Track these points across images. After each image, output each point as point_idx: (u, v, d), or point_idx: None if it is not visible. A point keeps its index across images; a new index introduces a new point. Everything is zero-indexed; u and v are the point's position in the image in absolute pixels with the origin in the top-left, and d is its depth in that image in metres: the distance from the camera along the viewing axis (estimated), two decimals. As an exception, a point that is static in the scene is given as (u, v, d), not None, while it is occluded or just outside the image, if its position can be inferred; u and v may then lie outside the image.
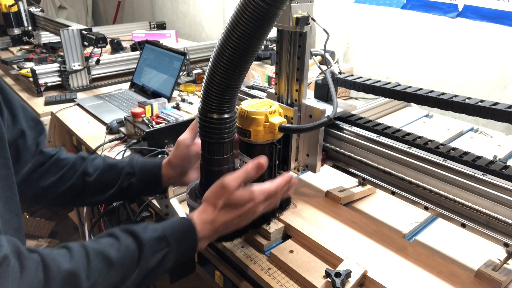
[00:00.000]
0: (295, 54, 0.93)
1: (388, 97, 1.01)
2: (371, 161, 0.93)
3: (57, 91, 2.05)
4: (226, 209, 0.74)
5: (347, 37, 2.24)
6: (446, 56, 1.86)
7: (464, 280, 0.79)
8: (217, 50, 0.68)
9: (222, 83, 0.69)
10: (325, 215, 0.99)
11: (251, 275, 0.88)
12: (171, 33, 3.02)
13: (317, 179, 1.16)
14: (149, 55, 2.05)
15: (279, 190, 0.78)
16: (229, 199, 0.73)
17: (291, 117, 0.97)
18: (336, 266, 0.82)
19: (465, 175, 0.78)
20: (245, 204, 0.74)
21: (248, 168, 0.75)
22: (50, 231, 2.80)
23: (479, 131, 1.53)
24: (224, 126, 0.75)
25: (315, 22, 0.91)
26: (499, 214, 0.73)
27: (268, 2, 0.61)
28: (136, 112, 1.39)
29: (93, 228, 1.34)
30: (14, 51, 2.69)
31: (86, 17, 4.66)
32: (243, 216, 0.75)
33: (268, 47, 2.17)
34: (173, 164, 0.91)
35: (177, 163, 0.91)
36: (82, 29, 2.03)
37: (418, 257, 0.85)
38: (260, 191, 0.76)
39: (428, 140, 0.90)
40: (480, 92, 1.77)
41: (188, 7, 3.41)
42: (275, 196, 0.79)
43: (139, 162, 0.92)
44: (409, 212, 1.01)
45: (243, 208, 0.74)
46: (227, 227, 0.75)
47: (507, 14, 1.61)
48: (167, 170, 0.92)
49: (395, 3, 1.98)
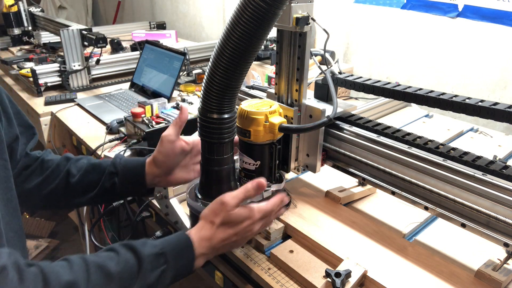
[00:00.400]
0: (295, 54, 0.93)
1: (388, 97, 1.01)
2: (371, 161, 0.93)
3: (57, 91, 2.05)
4: (224, 226, 0.74)
5: (347, 37, 2.24)
6: (446, 56, 1.86)
7: (464, 280, 0.79)
8: (217, 50, 0.68)
9: (222, 83, 0.69)
10: (325, 215, 0.99)
11: (251, 275, 0.88)
12: (171, 33, 3.02)
13: (317, 179, 1.16)
14: (149, 55, 2.05)
15: (274, 209, 0.79)
16: (227, 216, 0.73)
17: (291, 117, 0.97)
18: (336, 266, 0.82)
19: (465, 175, 0.78)
20: (243, 222, 0.74)
21: (248, 187, 0.75)
22: (50, 231, 2.80)
23: (479, 131, 1.53)
24: (224, 126, 0.75)
25: (315, 22, 0.91)
26: (499, 214, 0.73)
27: (268, 2, 0.61)
28: (136, 112, 1.39)
29: (93, 228, 1.34)
30: (14, 51, 2.69)
31: (86, 17, 4.66)
32: (241, 234, 0.75)
33: (268, 47, 2.17)
34: (157, 161, 0.89)
35: (161, 160, 0.88)
36: (82, 29, 2.03)
37: (418, 257, 0.85)
38: (257, 210, 0.75)
39: (428, 140, 0.90)
40: (480, 92, 1.77)
41: (188, 7, 3.41)
42: (270, 215, 0.79)
43: (122, 161, 0.91)
44: (409, 212, 1.01)
45: (241, 226, 0.74)
46: (225, 244, 0.75)
47: (507, 14, 1.61)
48: (151, 168, 0.89)
49: (395, 3, 1.98)
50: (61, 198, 0.90)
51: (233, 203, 0.74)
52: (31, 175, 0.88)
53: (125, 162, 0.91)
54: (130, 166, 0.90)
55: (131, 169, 0.90)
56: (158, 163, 0.89)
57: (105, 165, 0.90)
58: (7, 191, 0.70)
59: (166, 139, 0.87)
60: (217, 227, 0.74)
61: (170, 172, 0.90)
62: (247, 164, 0.86)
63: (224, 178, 0.82)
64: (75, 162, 0.91)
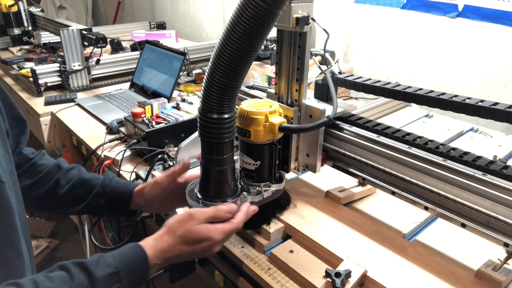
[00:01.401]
0: (295, 54, 0.93)
1: (388, 97, 1.01)
2: (371, 161, 0.93)
3: (57, 91, 2.05)
4: (183, 242, 0.74)
5: (347, 37, 2.24)
6: (446, 56, 1.86)
7: (464, 280, 0.79)
8: (217, 50, 0.68)
9: (222, 83, 0.69)
10: (325, 215, 0.99)
11: (251, 275, 0.88)
12: (171, 33, 3.02)
13: (317, 179, 1.16)
14: (149, 55, 2.05)
15: (240, 226, 0.78)
16: (189, 229, 0.73)
17: (291, 117, 0.97)
18: (336, 266, 0.82)
19: (465, 175, 0.78)
20: (202, 242, 0.74)
21: (219, 208, 0.76)
22: (50, 231, 2.80)
23: (479, 131, 1.53)
24: (224, 126, 0.75)
25: (315, 22, 0.91)
26: (499, 214, 0.73)
27: (268, 2, 0.61)
28: (136, 112, 1.39)
29: (93, 228, 1.34)
30: (14, 51, 2.69)
31: (86, 17, 4.66)
32: (197, 253, 0.75)
33: (268, 47, 2.17)
34: (144, 196, 0.92)
35: (148, 198, 0.92)
36: (82, 29, 2.03)
37: (418, 257, 0.85)
38: (220, 231, 0.75)
39: (428, 140, 0.90)
40: (480, 92, 1.77)
41: (188, 7, 3.41)
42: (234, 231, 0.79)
43: (112, 185, 0.93)
44: (409, 212, 1.01)
45: (199, 246, 0.74)
46: (179, 259, 0.75)
47: (507, 14, 1.61)
48: (137, 198, 0.93)
49: (395, 3, 1.98)
50: (48, 205, 0.92)
51: (199, 217, 0.74)
52: (22, 175, 0.88)
53: (114, 187, 0.93)
54: (118, 191, 0.93)
55: (119, 194, 0.93)
56: (144, 198, 0.92)
57: (94, 183, 0.92)
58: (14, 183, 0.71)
59: (158, 185, 0.90)
60: (176, 240, 0.73)
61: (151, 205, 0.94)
62: (247, 164, 0.86)
63: (224, 178, 0.82)
64: (65, 172, 0.93)
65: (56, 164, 0.94)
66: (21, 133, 0.87)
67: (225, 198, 0.83)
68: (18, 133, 0.87)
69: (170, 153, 1.29)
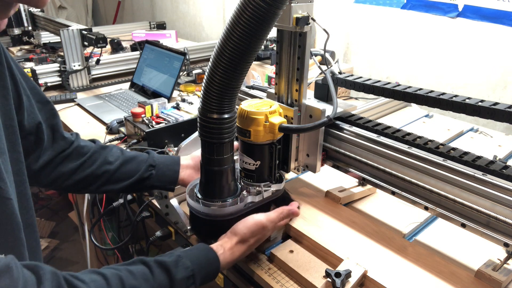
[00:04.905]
0: (295, 54, 0.93)
1: (388, 97, 1.01)
2: (371, 161, 0.93)
3: (57, 91, 2.05)
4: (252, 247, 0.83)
5: (347, 37, 2.24)
6: (446, 56, 1.86)
7: (464, 280, 0.79)
8: (217, 50, 0.68)
9: (222, 83, 0.69)
10: (325, 215, 0.99)
11: (251, 275, 0.88)
12: (171, 33, 3.02)
13: (317, 179, 1.16)
14: (149, 55, 2.05)
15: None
16: (261, 239, 0.83)
17: (291, 117, 0.97)
18: (336, 266, 0.82)
19: (465, 175, 0.78)
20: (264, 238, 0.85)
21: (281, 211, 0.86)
22: (50, 231, 2.80)
23: (479, 131, 1.53)
24: (224, 126, 0.75)
25: (315, 22, 0.91)
26: (499, 214, 0.73)
27: (268, 2, 0.61)
28: (136, 112, 1.39)
29: (93, 228, 1.34)
30: (14, 51, 2.69)
31: (86, 17, 4.66)
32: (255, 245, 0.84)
33: (268, 47, 2.17)
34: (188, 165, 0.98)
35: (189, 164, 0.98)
36: (82, 29, 2.03)
37: (418, 257, 0.85)
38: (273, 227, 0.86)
39: (428, 140, 0.90)
40: (480, 92, 1.77)
41: (188, 7, 3.41)
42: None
43: (159, 157, 0.97)
44: (409, 212, 1.01)
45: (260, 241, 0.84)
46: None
47: (507, 14, 1.61)
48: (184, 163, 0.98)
49: (395, 3, 1.98)
50: (93, 184, 0.92)
51: (271, 228, 0.84)
52: (67, 159, 0.90)
53: (162, 158, 0.98)
54: (167, 162, 0.97)
55: (167, 166, 0.96)
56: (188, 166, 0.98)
57: (143, 157, 0.96)
58: (20, 184, 0.70)
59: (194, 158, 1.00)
60: (247, 247, 0.81)
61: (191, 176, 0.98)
62: (247, 164, 0.86)
63: (224, 178, 0.82)
64: (110, 150, 0.95)
65: (98, 145, 0.96)
66: (50, 116, 0.87)
67: (225, 198, 0.83)
68: (48, 116, 0.86)
69: (170, 153, 1.29)
